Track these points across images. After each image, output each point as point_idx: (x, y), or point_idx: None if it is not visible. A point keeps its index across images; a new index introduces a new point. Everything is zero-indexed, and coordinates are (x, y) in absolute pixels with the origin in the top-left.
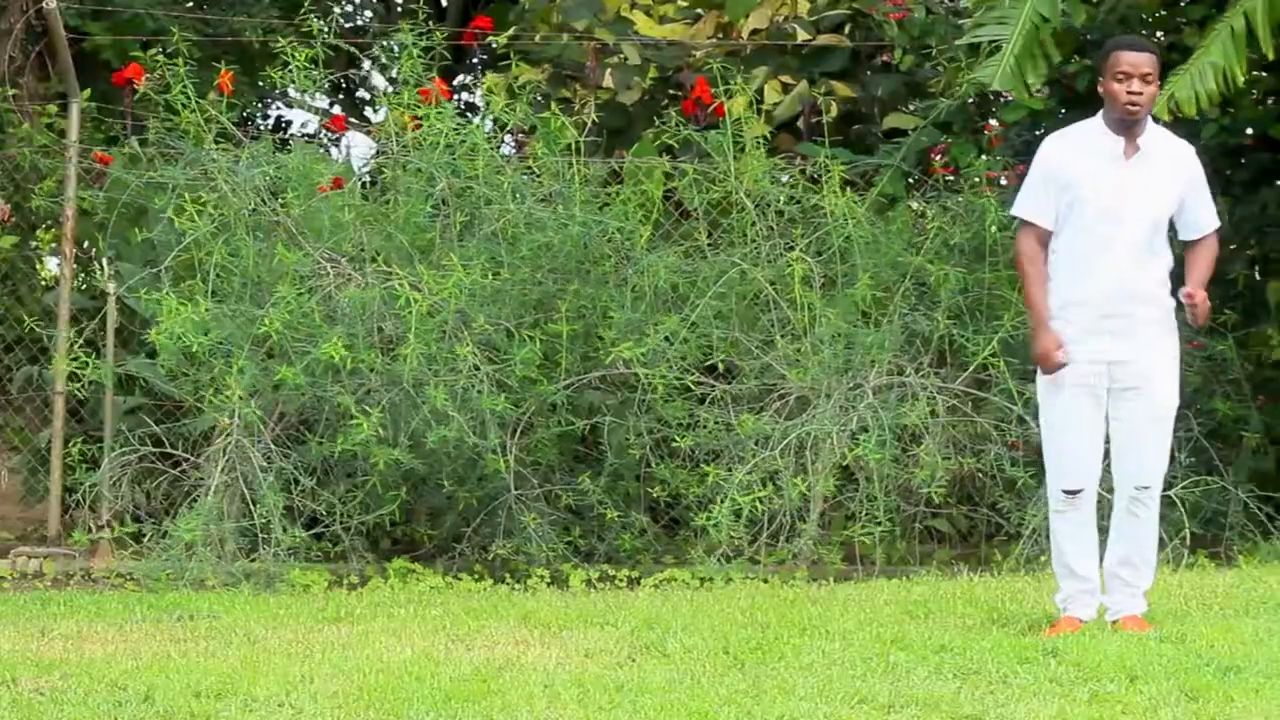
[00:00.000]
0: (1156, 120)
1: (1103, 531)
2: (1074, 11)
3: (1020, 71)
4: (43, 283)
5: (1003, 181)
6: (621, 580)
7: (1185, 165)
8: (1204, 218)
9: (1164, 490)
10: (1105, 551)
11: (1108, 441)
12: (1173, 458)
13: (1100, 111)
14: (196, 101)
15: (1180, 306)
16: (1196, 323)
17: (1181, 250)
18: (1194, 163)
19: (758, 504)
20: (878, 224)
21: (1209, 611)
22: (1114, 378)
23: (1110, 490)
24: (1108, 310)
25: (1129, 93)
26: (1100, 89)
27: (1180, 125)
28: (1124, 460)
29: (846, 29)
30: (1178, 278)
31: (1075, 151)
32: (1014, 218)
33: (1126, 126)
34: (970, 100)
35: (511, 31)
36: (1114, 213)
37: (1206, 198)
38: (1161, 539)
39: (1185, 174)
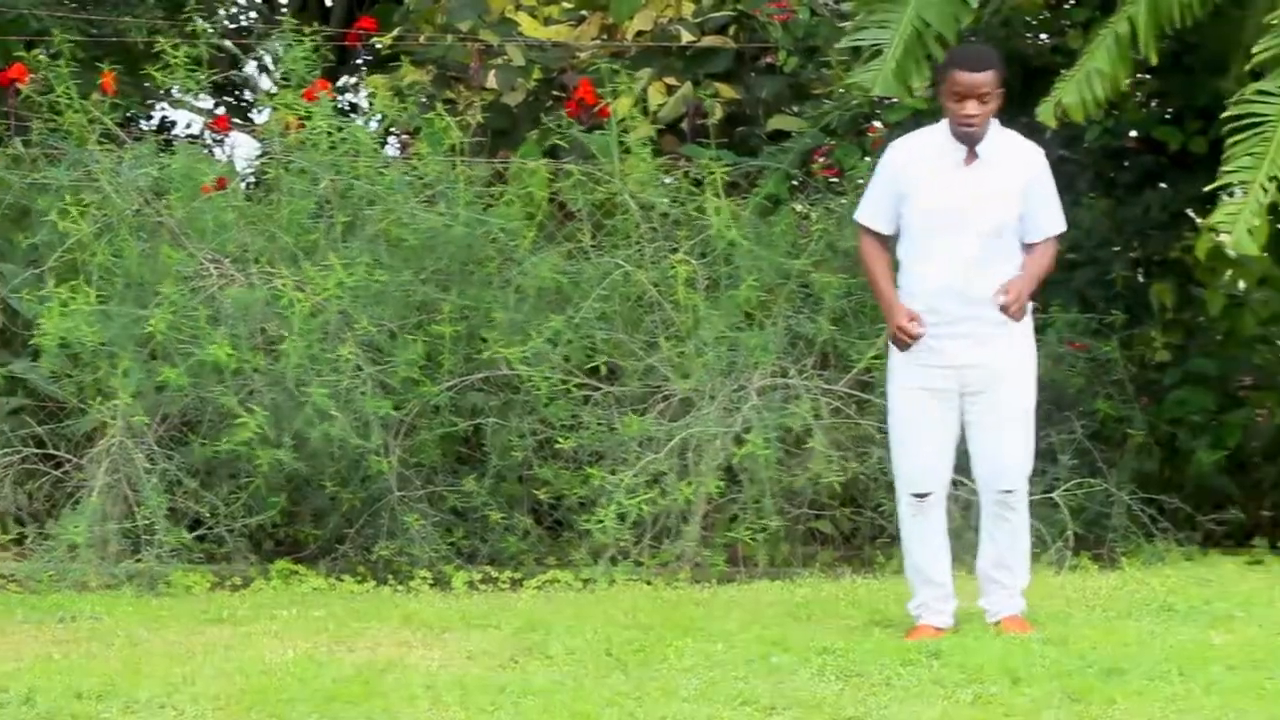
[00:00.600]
0: (1034, 125)
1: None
2: (960, 14)
3: (902, 76)
4: None
5: None
6: (504, 582)
7: (1029, 168)
8: (1044, 221)
9: (1046, 492)
10: (978, 555)
11: (963, 443)
12: (1055, 459)
13: (946, 118)
14: (80, 102)
15: (1053, 307)
16: (1009, 312)
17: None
18: (1040, 166)
19: (641, 506)
20: (762, 226)
21: (1092, 613)
22: (965, 382)
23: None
24: (954, 315)
25: (963, 114)
26: (940, 98)
27: (1065, 128)
28: (984, 464)
29: (731, 31)
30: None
31: (915, 157)
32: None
33: (967, 138)
34: (856, 104)
35: (396, 33)
36: (953, 219)
37: (1050, 202)
38: (1044, 541)
39: (1029, 177)
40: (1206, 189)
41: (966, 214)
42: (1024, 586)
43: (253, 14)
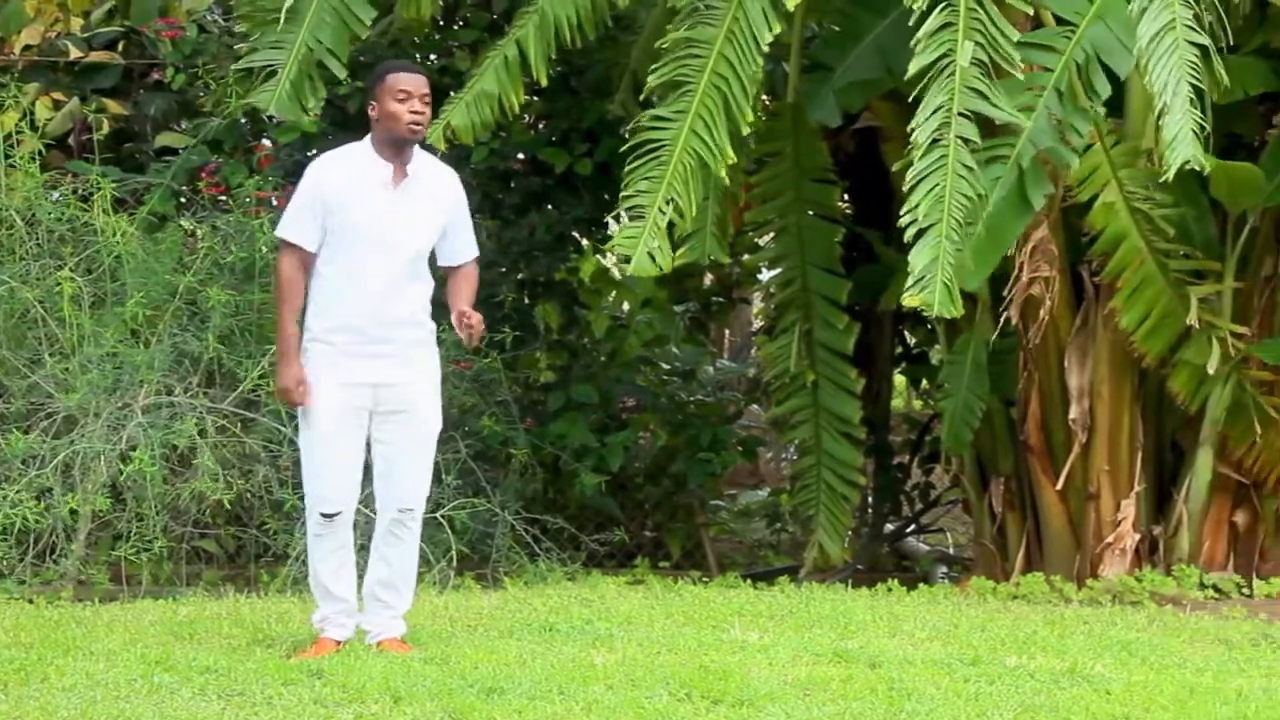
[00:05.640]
0: (425, 147)
1: (364, 551)
2: (353, 33)
3: (297, 96)
4: None
5: (274, 202)
6: None
7: (449, 192)
8: (465, 246)
9: (431, 512)
10: (365, 573)
11: (369, 464)
12: (440, 479)
13: (369, 135)
14: None
15: (444, 329)
16: (472, 343)
17: (443, 275)
18: (458, 190)
19: (25, 523)
20: (148, 243)
21: (474, 633)
22: (378, 400)
23: (374, 511)
24: (371, 334)
25: (412, 112)
26: (373, 113)
27: (451, 148)
28: (388, 483)
29: (120, 46)
30: (439, 304)
31: (343, 175)
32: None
33: (398, 151)
34: (242, 120)
35: None
36: (380, 239)
37: (468, 225)
38: (428, 560)
39: (449, 201)
40: (610, 215)
41: (394, 235)
42: (407, 609)
43: None
